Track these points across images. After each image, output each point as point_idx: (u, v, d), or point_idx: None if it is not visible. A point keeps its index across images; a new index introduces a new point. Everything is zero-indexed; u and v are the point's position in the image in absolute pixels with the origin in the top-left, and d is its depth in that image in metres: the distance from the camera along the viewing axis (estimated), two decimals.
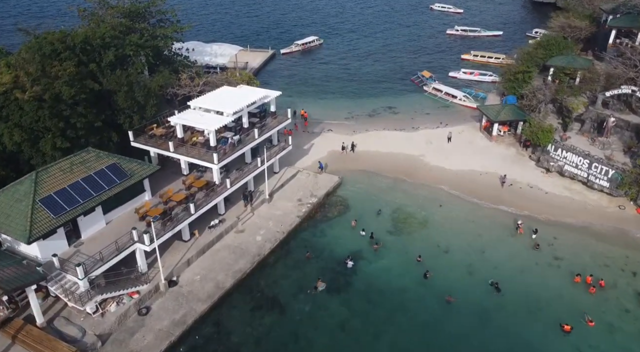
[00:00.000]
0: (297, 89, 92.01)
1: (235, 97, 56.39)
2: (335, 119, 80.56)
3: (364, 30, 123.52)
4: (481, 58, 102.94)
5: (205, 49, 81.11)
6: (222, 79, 66.74)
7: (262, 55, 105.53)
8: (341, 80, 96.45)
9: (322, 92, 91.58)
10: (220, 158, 51.93)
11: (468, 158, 68.03)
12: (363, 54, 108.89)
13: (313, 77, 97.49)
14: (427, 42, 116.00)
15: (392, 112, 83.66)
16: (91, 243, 44.82)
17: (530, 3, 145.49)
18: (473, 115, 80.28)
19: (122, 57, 58.46)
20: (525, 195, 60.97)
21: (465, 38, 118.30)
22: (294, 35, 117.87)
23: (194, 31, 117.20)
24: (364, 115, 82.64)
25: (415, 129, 76.63)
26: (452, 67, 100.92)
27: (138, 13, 67.78)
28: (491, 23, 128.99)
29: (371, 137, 74.39)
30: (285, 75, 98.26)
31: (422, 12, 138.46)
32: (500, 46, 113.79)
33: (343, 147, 69.79)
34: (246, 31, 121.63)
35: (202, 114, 54.50)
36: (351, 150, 69.93)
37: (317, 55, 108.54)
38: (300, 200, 59.81)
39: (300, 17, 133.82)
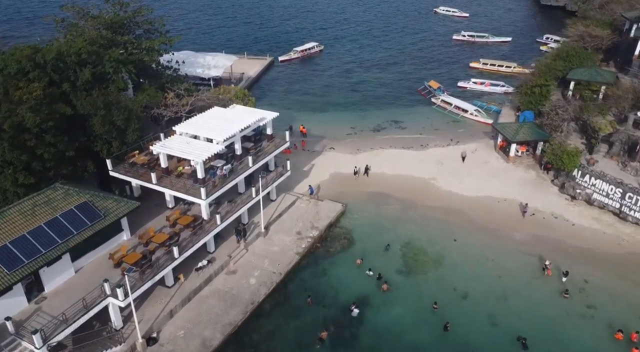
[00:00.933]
0: (296, 101, 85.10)
1: (226, 121, 49.36)
2: (337, 135, 73.61)
3: (366, 36, 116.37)
4: (491, 67, 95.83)
5: (198, 60, 74.13)
6: (214, 97, 59.63)
7: (259, 63, 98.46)
8: (343, 90, 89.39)
9: (323, 104, 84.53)
10: (208, 192, 44.98)
11: (484, 182, 61.07)
12: (365, 61, 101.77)
13: (313, 88, 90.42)
14: (433, 48, 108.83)
15: (399, 127, 76.63)
16: (56, 298, 37.97)
17: (538, 6, 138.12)
18: (486, 132, 73.30)
19: (101, 75, 51.32)
20: (549, 226, 54.01)
21: (472, 44, 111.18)
22: (293, 41, 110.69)
23: (190, 38, 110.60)
24: (368, 131, 75.65)
25: (424, 148, 69.62)
26: (460, 76, 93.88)
27: (122, 24, 60.70)
28: (498, 28, 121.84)
29: (377, 157, 67.43)
30: (283, 85, 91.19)
31: (426, 16, 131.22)
32: (510, 53, 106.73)
33: (355, 172, 62.55)
34: (244, 37, 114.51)
35: (189, 141, 47.49)
36: (365, 173, 62.76)
37: (317, 63, 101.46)
38: (300, 233, 52.89)
39: (300, 21, 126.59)
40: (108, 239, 42.62)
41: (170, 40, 62.26)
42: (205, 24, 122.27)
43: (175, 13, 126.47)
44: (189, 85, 62.29)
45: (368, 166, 63.01)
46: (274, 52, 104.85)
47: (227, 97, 60.44)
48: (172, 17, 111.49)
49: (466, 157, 65.42)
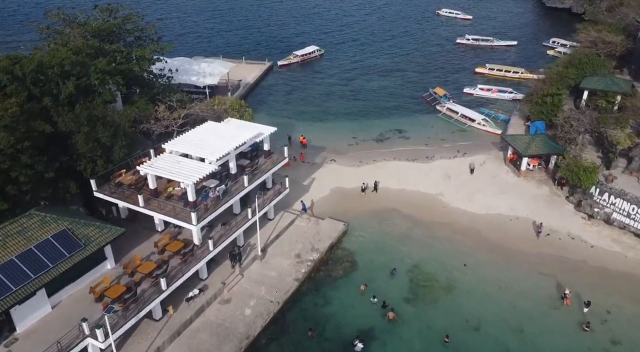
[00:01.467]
0: (295, 109, 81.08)
1: (220, 138, 45.38)
2: (338, 146, 69.68)
3: (367, 39, 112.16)
4: (497, 72, 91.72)
5: (193, 67, 70.11)
6: (208, 108, 55.62)
7: (258, 68, 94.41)
8: (344, 97, 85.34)
9: (323, 112, 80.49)
10: (200, 217, 41.02)
11: (494, 198, 57.10)
12: (367, 67, 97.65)
13: (313, 95, 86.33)
14: (436, 52, 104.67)
15: (403, 137, 72.62)
16: (29, 339, 34.09)
17: (543, 8, 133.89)
18: (494, 142, 69.28)
19: (86, 88, 47.35)
20: (566, 249, 50.03)
21: (476, 48, 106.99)
22: (292, 45, 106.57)
23: (188, 43, 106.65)
24: (370, 141, 71.65)
25: (430, 160, 65.64)
26: (465, 82, 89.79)
27: (111, 31, 56.71)
28: (503, 31, 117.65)
29: (380, 170, 63.48)
30: (282, 92, 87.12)
31: (429, 19, 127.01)
32: (516, 58, 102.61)
33: (363, 188, 58.58)
34: (242, 41, 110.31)
35: (180, 160, 43.52)
36: (374, 190, 58.75)
37: (317, 68, 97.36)
38: (299, 256, 48.94)
39: (300, 25, 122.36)
40: (89, 270, 38.75)
41: (163, 48, 58.33)
42: (204, 27, 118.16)
43: (173, 16, 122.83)
44: (182, 95, 58.28)
45: (377, 182, 58.81)
46: (273, 56, 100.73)
47: (222, 108, 56.43)
48: (166, 22, 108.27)
49: (474, 169, 61.47)
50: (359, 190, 59.22)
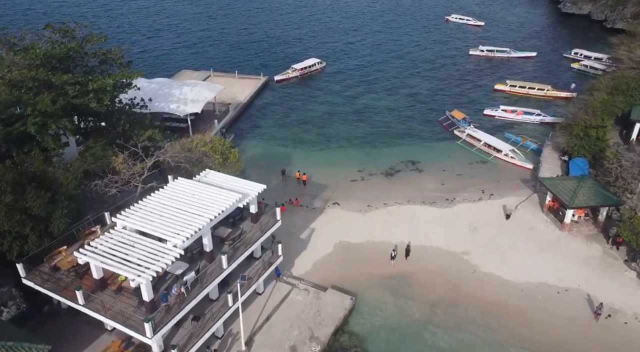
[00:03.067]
0: (292, 135, 69.15)
1: (191, 206, 33.43)
2: (342, 182, 58.22)
3: (372, 50, 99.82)
4: (520, 89, 79.54)
5: (173, 91, 58.04)
6: (182, 152, 43.59)
7: (252, 84, 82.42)
8: (348, 119, 73.27)
9: (325, 138, 68.49)
10: (159, 324, 29.12)
11: (533, 260, 45.23)
12: (373, 82, 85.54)
13: (313, 116, 74.26)
14: (449, 65, 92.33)
15: (416, 170, 60.69)
16: None
17: (558, 14, 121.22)
18: (525, 180, 57.51)
19: (19, 136, 35.40)
20: (636, 339, 38.07)
21: (491, 60, 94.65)
22: (291, 57, 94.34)
23: (177, 54, 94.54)
24: (378, 175, 59.78)
25: (450, 203, 53.79)
26: (484, 102, 77.75)
27: (67, 56, 44.61)
28: (518, 39, 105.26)
29: (391, 217, 51.74)
30: (278, 114, 75.04)
31: (437, 26, 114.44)
32: (536, 71, 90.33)
33: (393, 256, 45.40)
34: (236, 52, 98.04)
35: (135, 240, 31.57)
36: (406, 255, 45.99)
37: (318, 83, 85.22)
38: (295, 348, 37.06)
39: (299, 35, 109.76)
40: None
41: (129, 76, 46.21)
42: (195, 37, 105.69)
43: (164, 24, 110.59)
44: (154, 132, 46.19)
45: (409, 246, 46.09)
46: (270, 69, 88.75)
47: (201, 151, 44.38)
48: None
49: (511, 214, 49.87)
50: (368, 245, 47.55)
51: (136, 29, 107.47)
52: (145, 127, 47.13)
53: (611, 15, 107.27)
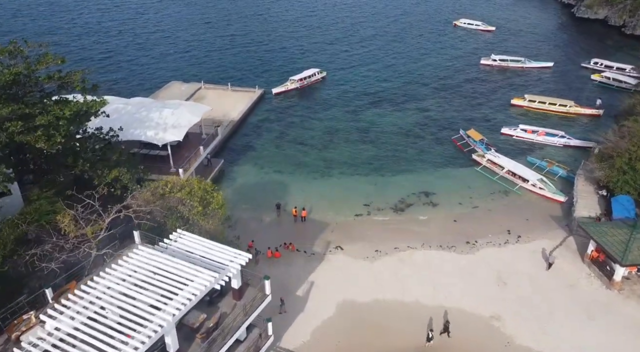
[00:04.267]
0: (289, 158, 60.28)
1: (152, 291, 24.51)
2: (345, 218, 49.70)
3: (375, 59, 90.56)
4: (539, 105, 70.39)
5: (151, 115, 48.85)
6: (154, 203, 34.53)
7: (246, 98, 73.41)
8: (351, 139, 64.24)
9: (326, 162, 59.50)
10: None
11: (579, 329, 36.35)
12: (378, 95, 76.50)
13: (313, 135, 65.22)
14: (459, 76, 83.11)
15: (430, 203, 51.71)
16: None
17: (572, 19, 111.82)
18: (556, 216, 48.55)
19: None
20: None
21: (505, 70, 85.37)
22: (288, 67, 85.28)
23: (166, 63, 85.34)
24: (387, 209, 50.86)
25: (472, 248, 44.87)
26: (500, 118, 68.80)
27: (13, 82, 35.50)
28: (531, 46, 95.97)
29: (404, 265, 42.93)
30: (274, 132, 65.97)
31: (445, 32, 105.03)
32: (554, 83, 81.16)
33: (430, 337, 35.18)
34: (229, 62, 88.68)
35: (76, 343, 22.51)
36: (446, 333, 36.08)
37: (318, 96, 76.11)
38: None
39: (298, 42, 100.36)
40: None
41: (90, 105, 37.13)
42: (188, 44, 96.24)
43: (153, 30, 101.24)
44: (120, 172, 37.15)
45: (448, 323, 36.29)
46: (266, 81, 79.77)
47: (176, 198, 35.34)
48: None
49: (552, 263, 41.12)
50: (378, 306, 38.71)
51: (125, 37, 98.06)
52: (110, 165, 38.00)
53: (630, 21, 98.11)
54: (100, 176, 36.43)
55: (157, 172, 47.77)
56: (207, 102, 72.15)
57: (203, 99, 73.29)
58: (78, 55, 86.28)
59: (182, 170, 47.46)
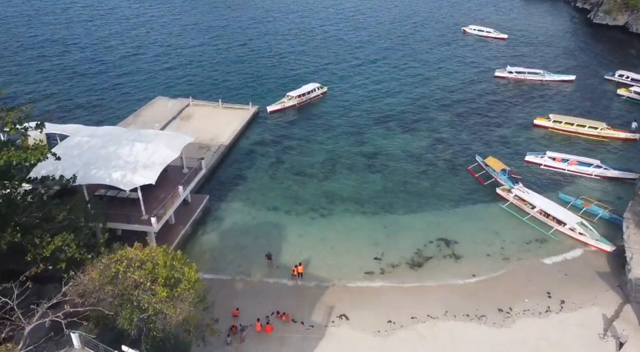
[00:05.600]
0: (284, 191, 51.13)
1: None
2: (351, 275, 40.61)
3: (380, 72, 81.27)
4: (566, 126, 61.02)
5: (121, 150, 39.21)
6: (100, 286, 25.25)
7: (239, 117, 64.18)
8: (356, 168, 54.96)
9: (327, 197, 50.27)
10: None
11: None
12: (384, 113, 67.32)
13: (313, 162, 55.89)
14: (471, 91, 73.80)
15: (452, 255, 42.55)
16: None
17: (589, 25, 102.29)
18: (604, 272, 39.39)
19: None
20: None
21: (521, 83, 75.98)
22: (286, 81, 75.93)
23: (153, 75, 75.82)
24: (402, 265, 41.79)
25: (506, 318, 35.87)
26: (522, 141, 59.77)
27: None
28: (549, 57, 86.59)
29: (425, 345, 33.68)
30: (269, 158, 56.74)
31: (454, 39, 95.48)
32: (577, 99, 71.88)
33: None
34: (220, 76, 79.15)
35: None
36: None
37: (319, 115, 66.77)
38: None
39: (297, 54, 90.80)
40: None
41: (23, 155, 27.76)
42: (177, 54, 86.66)
43: (142, 38, 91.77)
44: (66, 240, 27.84)
45: None
46: (261, 96, 70.59)
47: (131, 281, 25.97)
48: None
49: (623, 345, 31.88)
50: None
51: (111, 45, 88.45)
52: (54, 228, 28.67)
53: None
54: (36, 247, 27.07)
55: (125, 221, 38.68)
56: (195, 121, 63.17)
57: (190, 118, 64.18)
58: (60, 69, 76.99)
59: (154, 220, 38.10)
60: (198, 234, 44.32)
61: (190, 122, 63.32)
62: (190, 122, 63.14)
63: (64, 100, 67.54)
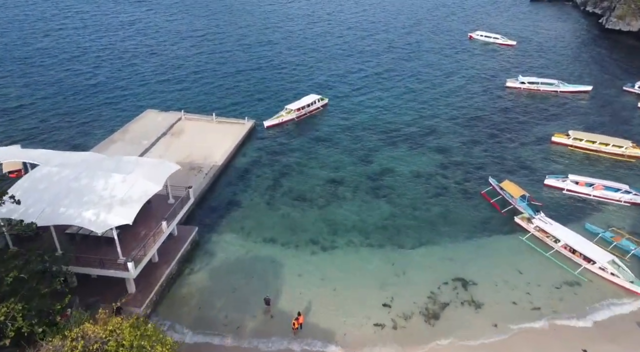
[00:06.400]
0: (283, 220, 45.78)
1: None
2: (358, 327, 34.92)
3: (384, 82, 75.94)
4: (587, 144, 55.60)
5: (95, 184, 33.60)
6: None
7: (234, 133, 58.84)
8: (361, 192, 49.63)
9: (329, 226, 44.92)
10: None
11: None
12: (388, 128, 62.00)
13: (313, 185, 50.49)
14: (482, 103, 68.40)
15: (471, 301, 37.37)
16: None
17: (600, 30, 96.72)
18: None
19: None
20: None
21: (535, 94, 70.48)
22: (285, 92, 70.50)
23: (148, 89, 70.49)
24: (417, 315, 36.47)
25: None
26: (538, 161, 54.46)
27: None
28: (562, 66, 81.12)
29: None
30: (266, 182, 51.26)
31: (461, 46, 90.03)
32: (593, 112, 66.40)
33: None
34: (215, 88, 73.64)
35: None
36: None
37: (319, 130, 61.40)
38: None
39: (296, 65, 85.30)
40: None
41: None
42: (171, 64, 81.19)
43: (134, 46, 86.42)
44: (11, 309, 22.35)
45: None
46: (258, 108, 65.33)
47: None
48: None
49: None
50: None
51: (99, 55, 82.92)
52: (1, 294, 23.21)
53: None
54: None
55: (98, 266, 33.24)
56: (187, 137, 57.83)
57: (182, 133, 58.82)
58: (48, 77, 71.49)
59: (131, 265, 32.64)
60: (185, 274, 38.92)
61: (181, 138, 57.96)
62: (181, 139, 57.77)
63: (48, 112, 62.17)
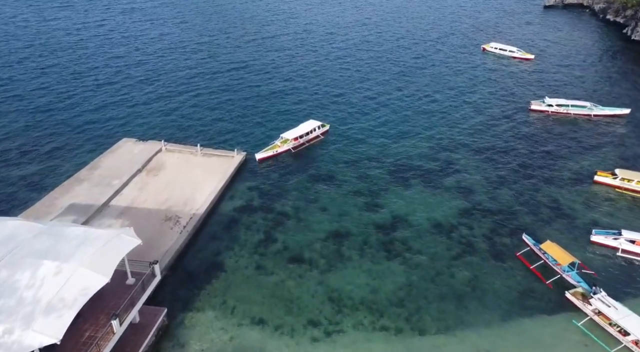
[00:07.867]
0: (277, 289, 36.87)
1: None
2: None
3: (393, 103, 66.32)
4: (638, 185, 45.74)
5: (17, 277, 23.76)
6: None
7: (222, 168, 49.34)
8: (368, 248, 40.21)
9: (333, 301, 35.65)
10: None
11: None
12: (401, 164, 52.38)
13: (313, 239, 40.96)
14: (504, 130, 58.78)
15: None
16: None
17: (624, 41, 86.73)
18: None
19: None
20: None
21: (563, 119, 60.73)
22: (281, 119, 60.75)
23: (125, 114, 60.61)
24: None
25: None
26: (579, 209, 45.06)
27: None
28: (588, 84, 71.54)
29: None
30: (256, 234, 41.86)
31: (474, 60, 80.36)
32: (634, 141, 56.35)
33: None
34: (204, 109, 63.85)
35: None
36: None
37: (319, 163, 51.89)
38: None
39: (293, 82, 75.33)
40: None
41: None
42: (154, 85, 71.41)
43: (111, 64, 76.86)
44: None
45: None
46: (249, 136, 55.53)
47: None
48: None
49: None
50: None
51: (72, 73, 73.10)
52: None
53: None
54: None
55: None
56: (165, 175, 48.42)
57: (160, 170, 49.42)
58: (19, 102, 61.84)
59: None
60: None
61: (159, 176, 48.48)
62: (158, 177, 48.29)
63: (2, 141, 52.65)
